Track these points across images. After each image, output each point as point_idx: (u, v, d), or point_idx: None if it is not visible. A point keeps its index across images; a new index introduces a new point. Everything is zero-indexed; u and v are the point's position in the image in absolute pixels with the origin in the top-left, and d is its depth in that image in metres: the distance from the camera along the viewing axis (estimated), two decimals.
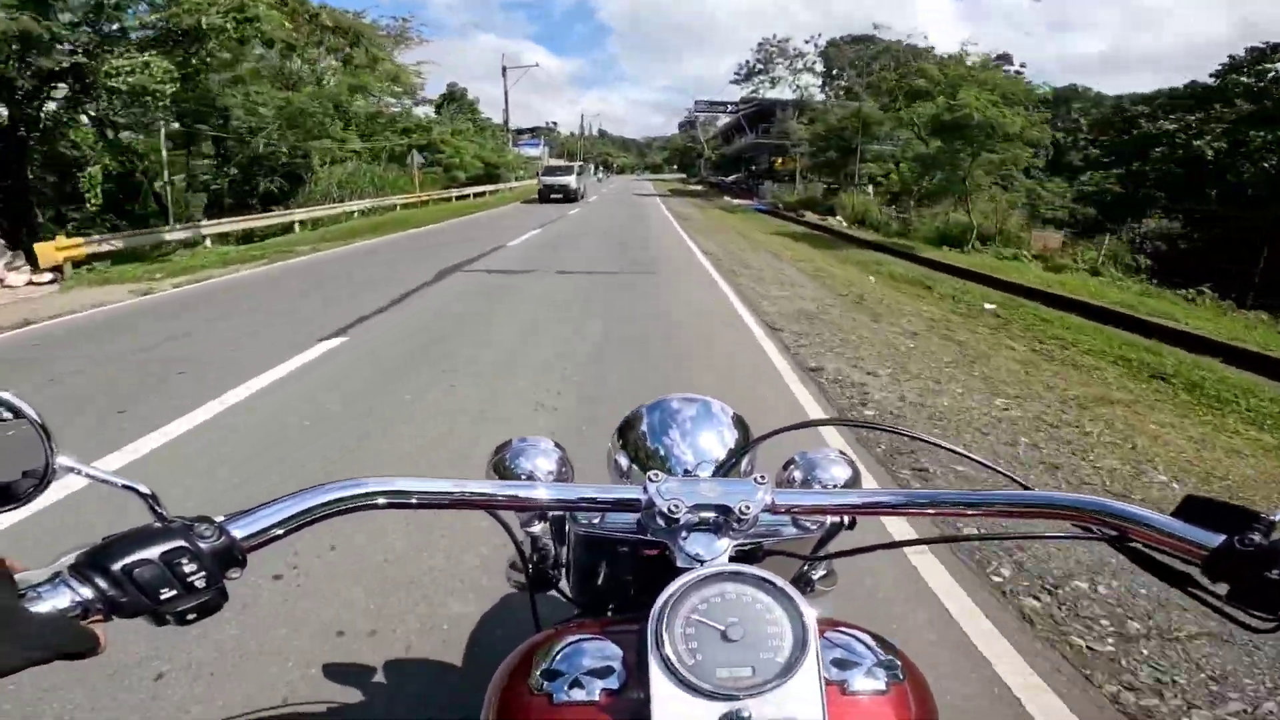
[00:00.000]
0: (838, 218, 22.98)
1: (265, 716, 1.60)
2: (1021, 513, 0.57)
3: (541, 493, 0.58)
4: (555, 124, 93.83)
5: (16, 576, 0.41)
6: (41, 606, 0.40)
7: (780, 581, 0.50)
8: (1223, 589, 0.49)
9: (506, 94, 41.78)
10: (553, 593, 0.79)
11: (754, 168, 43.12)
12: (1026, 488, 0.59)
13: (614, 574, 0.70)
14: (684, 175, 77.59)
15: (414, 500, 0.55)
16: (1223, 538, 0.49)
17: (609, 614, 0.71)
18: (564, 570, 0.78)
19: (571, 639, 0.55)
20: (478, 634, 1.93)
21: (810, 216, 24.32)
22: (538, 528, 0.75)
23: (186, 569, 0.44)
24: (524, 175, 44.12)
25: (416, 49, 28.71)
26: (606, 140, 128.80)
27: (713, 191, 44.48)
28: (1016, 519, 0.58)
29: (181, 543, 0.44)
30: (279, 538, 0.51)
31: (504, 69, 44.06)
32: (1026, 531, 0.74)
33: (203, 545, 0.45)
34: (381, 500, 0.54)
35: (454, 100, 46.00)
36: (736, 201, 33.81)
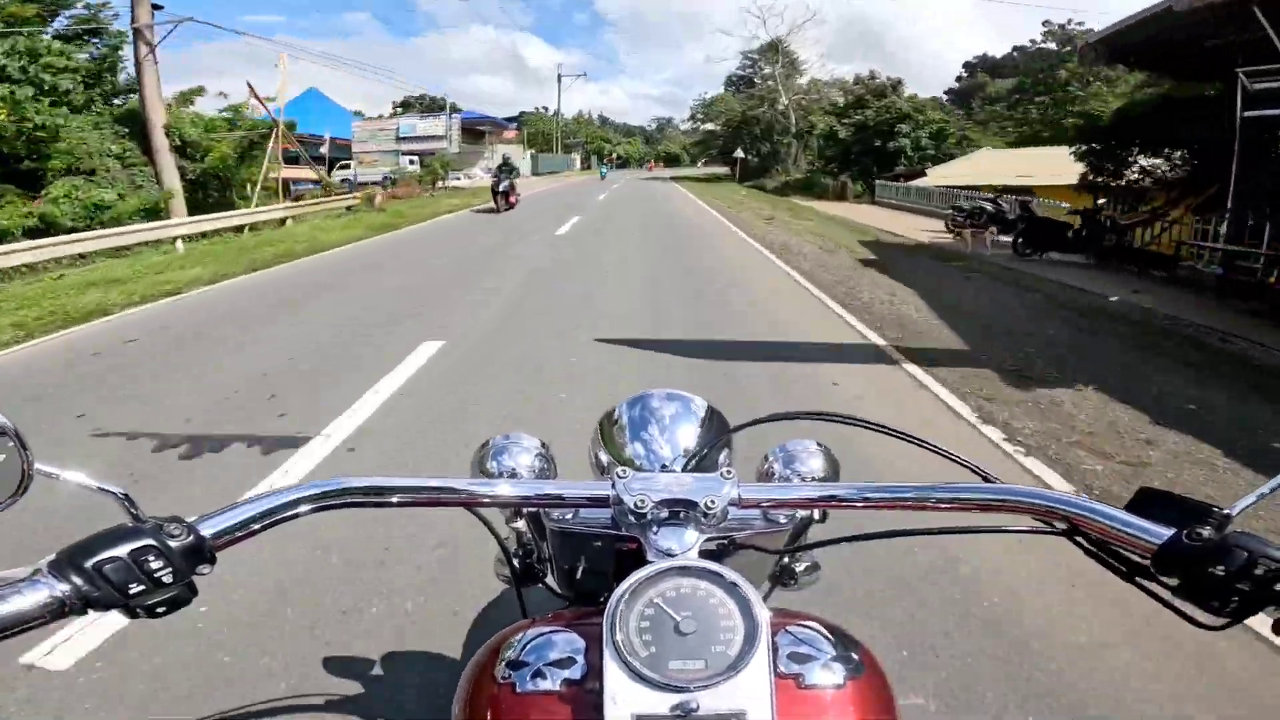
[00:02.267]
0: None
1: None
2: (983, 506, 0.58)
3: (509, 489, 0.61)
4: (545, 108, 65.93)
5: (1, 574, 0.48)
6: (22, 602, 0.44)
7: (732, 575, 0.51)
8: (1173, 583, 0.49)
9: None
10: (541, 586, 0.81)
11: None
12: (989, 479, 0.62)
13: (594, 566, 0.71)
14: (729, 170, 42.66)
15: (394, 499, 0.58)
16: (1172, 532, 0.49)
17: (600, 604, 0.66)
18: (549, 564, 0.79)
19: (540, 630, 0.57)
20: None
21: None
22: (520, 523, 0.77)
23: (154, 565, 0.47)
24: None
25: None
26: (609, 127, 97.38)
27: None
28: (978, 512, 0.59)
29: (150, 541, 0.47)
30: (248, 536, 0.54)
31: None
32: (987, 525, 0.64)
33: (171, 544, 0.48)
34: (348, 499, 0.57)
35: None
36: None
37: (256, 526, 0.53)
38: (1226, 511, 0.48)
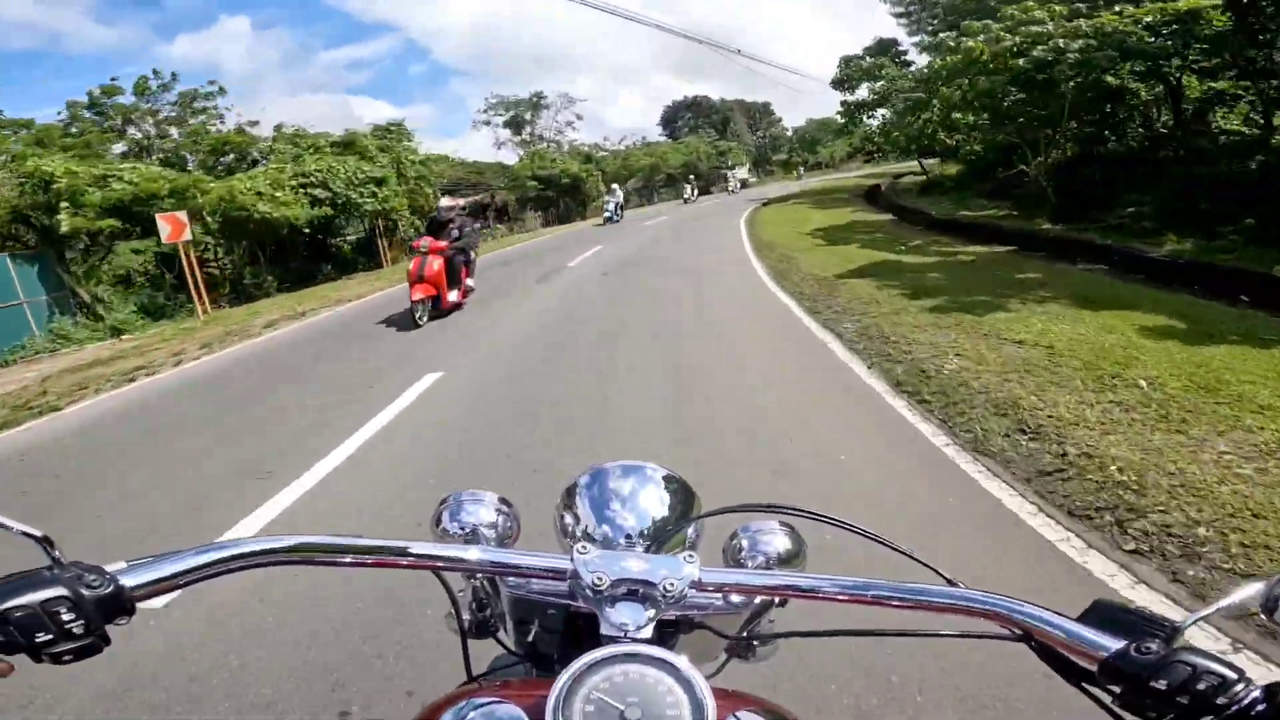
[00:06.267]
0: None
1: None
2: (942, 608, 0.59)
3: (469, 556, 0.62)
4: None
5: None
6: None
7: (681, 663, 0.51)
8: (1116, 690, 0.51)
9: None
10: (494, 641, 0.83)
11: None
12: (952, 582, 0.62)
13: (546, 630, 0.73)
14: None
15: (347, 559, 0.58)
16: (1122, 644, 0.50)
17: (556, 662, 0.74)
18: (503, 621, 0.80)
19: (481, 701, 0.56)
20: None
21: None
22: (477, 579, 0.80)
23: (64, 617, 0.47)
24: None
25: None
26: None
27: None
28: (936, 614, 0.60)
29: (63, 591, 0.47)
30: (174, 589, 0.53)
31: None
32: (945, 630, 0.66)
33: (86, 594, 0.48)
34: (296, 556, 0.57)
35: None
36: None
37: (184, 580, 0.53)
38: (1176, 625, 0.50)
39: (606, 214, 24.51)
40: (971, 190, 17.20)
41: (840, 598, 0.60)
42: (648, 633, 0.56)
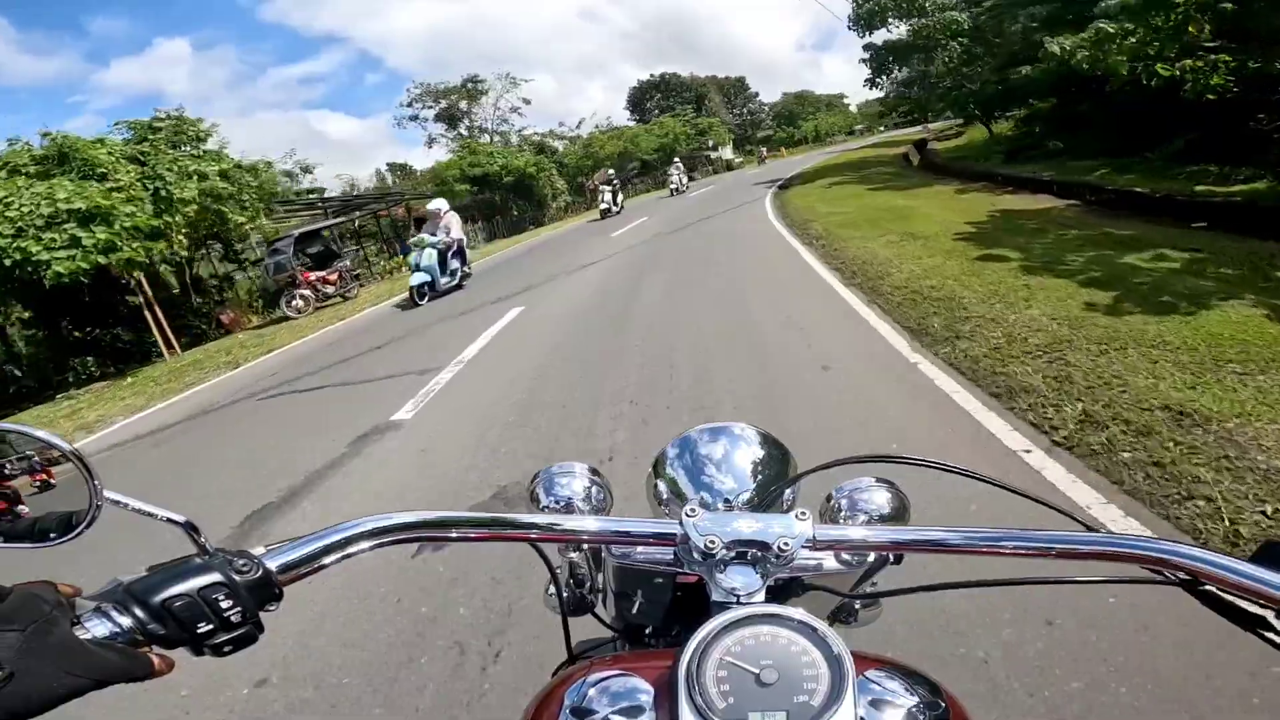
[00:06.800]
0: None
1: None
2: (1085, 555, 0.55)
3: (578, 525, 0.61)
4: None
5: (76, 601, 0.43)
6: (83, 635, 0.42)
7: (817, 623, 0.50)
8: None
9: None
10: (590, 616, 0.82)
11: None
12: (1091, 528, 0.58)
13: (650, 601, 0.72)
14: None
15: (454, 533, 0.57)
16: None
17: (647, 638, 0.75)
18: (601, 595, 0.80)
19: (602, 674, 0.55)
20: None
21: None
22: (577, 555, 0.78)
23: (224, 605, 0.46)
24: None
25: None
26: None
27: None
28: (1078, 561, 0.55)
29: (219, 578, 0.46)
30: (313, 571, 0.52)
31: None
32: (1089, 575, 0.61)
33: (239, 579, 0.47)
34: (422, 533, 0.56)
35: None
36: None
37: (325, 560, 0.52)
38: None
39: (418, 279, 10.01)
40: (1115, 152, 10.44)
41: (975, 550, 0.56)
42: (760, 597, 0.54)
